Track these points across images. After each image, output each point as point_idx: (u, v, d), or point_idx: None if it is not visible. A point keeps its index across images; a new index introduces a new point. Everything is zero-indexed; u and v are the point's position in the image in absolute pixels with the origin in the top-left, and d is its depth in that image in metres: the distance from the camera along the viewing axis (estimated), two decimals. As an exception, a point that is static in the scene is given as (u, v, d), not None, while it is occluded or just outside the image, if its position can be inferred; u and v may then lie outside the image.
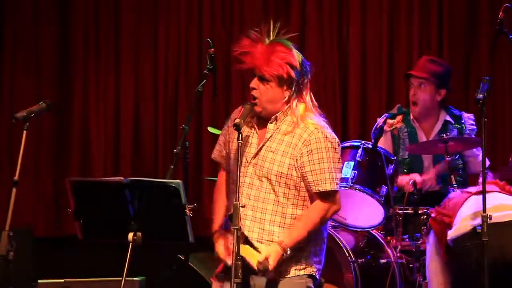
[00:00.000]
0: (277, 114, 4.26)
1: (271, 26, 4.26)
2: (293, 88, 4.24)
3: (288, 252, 4.14)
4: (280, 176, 4.20)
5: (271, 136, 4.26)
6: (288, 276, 4.22)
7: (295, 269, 4.23)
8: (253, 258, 4.10)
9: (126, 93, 7.90)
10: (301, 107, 4.26)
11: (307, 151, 4.20)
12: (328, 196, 4.21)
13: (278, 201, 4.21)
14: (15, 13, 7.94)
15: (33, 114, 4.54)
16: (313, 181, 4.19)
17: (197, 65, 7.75)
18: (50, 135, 7.90)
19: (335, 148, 4.24)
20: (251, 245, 4.19)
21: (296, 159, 4.20)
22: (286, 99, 4.25)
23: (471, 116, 6.27)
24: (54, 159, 7.89)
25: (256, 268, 4.09)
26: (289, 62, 4.21)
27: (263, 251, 4.14)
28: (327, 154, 4.20)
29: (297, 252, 4.21)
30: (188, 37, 7.86)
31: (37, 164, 7.85)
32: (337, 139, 4.27)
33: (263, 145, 4.26)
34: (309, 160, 4.19)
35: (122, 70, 7.91)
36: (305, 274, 4.23)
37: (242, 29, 7.54)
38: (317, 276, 4.28)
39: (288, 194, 4.22)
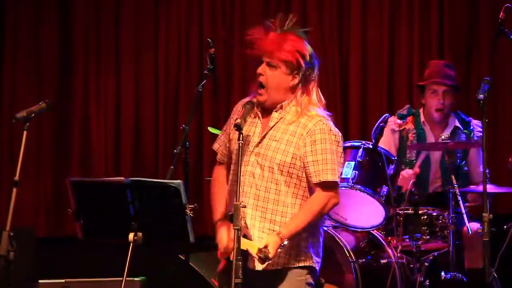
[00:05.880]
0: (282, 103, 4.24)
1: (286, 18, 4.28)
2: (300, 78, 4.24)
3: (286, 242, 4.10)
4: (283, 165, 4.18)
5: (275, 125, 4.24)
6: (287, 266, 4.18)
7: (295, 260, 4.19)
8: (252, 247, 4.07)
9: (126, 93, 7.89)
10: (305, 99, 4.26)
11: (311, 141, 4.18)
12: (328, 187, 4.18)
13: (280, 190, 4.19)
14: (16, 13, 7.94)
15: (33, 114, 4.54)
16: (315, 171, 4.17)
17: (197, 65, 7.74)
18: (50, 135, 7.89)
19: (338, 142, 4.23)
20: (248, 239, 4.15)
21: (299, 148, 4.19)
22: (291, 87, 4.24)
23: (479, 123, 6.23)
24: (55, 159, 7.88)
25: (256, 256, 4.05)
26: (300, 50, 4.23)
27: (262, 240, 4.11)
28: (330, 146, 4.19)
29: (296, 245, 4.18)
30: (188, 37, 7.85)
31: (38, 164, 7.84)
32: (340, 134, 4.26)
33: (266, 134, 4.24)
34: (311, 150, 4.18)
35: (122, 70, 7.91)
36: (304, 266, 4.20)
37: (242, 29, 7.53)
38: (317, 268, 4.25)
39: (290, 183, 4.19)
